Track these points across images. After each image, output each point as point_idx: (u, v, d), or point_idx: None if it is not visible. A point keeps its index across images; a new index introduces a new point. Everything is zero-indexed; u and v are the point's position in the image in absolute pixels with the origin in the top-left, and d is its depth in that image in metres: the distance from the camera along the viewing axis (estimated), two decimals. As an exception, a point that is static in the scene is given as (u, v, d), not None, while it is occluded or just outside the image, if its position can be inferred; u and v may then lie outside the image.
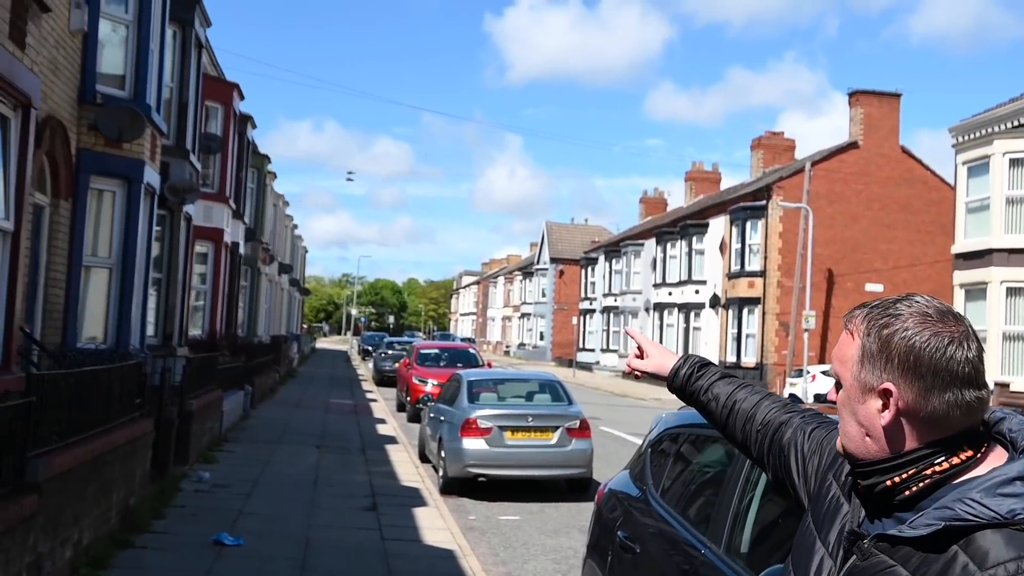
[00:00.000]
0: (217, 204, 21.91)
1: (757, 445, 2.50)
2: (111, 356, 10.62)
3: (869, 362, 1.89)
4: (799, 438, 2.38)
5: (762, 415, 2.52)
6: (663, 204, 65.42)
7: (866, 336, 1.91)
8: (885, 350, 1.87)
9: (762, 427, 2.49)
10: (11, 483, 6.19)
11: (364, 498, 12.31)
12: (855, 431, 1.95)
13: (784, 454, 2.40)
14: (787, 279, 37.78)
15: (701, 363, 2.76)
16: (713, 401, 2.66)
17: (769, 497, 3.74)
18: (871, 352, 1.89)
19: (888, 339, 1.87)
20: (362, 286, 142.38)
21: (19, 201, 7.71)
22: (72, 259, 11.41)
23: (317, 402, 27.68)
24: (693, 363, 2.76)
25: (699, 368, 2.74)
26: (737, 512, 3.82)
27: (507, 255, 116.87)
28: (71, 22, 11.04)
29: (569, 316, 70.17)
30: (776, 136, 47.75)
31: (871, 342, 1.89)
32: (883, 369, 1.86)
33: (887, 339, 1.87)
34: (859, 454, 1.95)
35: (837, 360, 1.99)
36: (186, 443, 13.27)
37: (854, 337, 1.94)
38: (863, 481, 1.93)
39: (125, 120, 11.82)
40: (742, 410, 2.57)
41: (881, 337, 1.88)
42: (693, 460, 4.88)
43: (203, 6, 16.91)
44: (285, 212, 47.18)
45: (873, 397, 1.88)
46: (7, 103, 7.45)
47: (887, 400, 1.86)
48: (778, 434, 2.44)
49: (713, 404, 2.66)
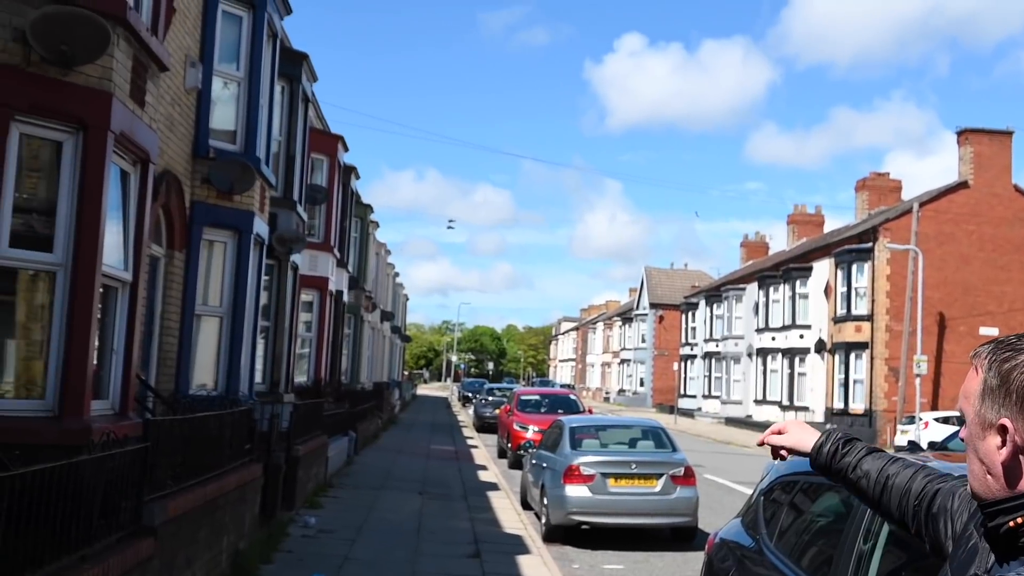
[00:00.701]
0: (322, 253, 22.40)
1: (915, 520, 2.36)
2: (221, 403, 10.88)
3: (989, 397, 1.87)
4: (949, 500, 2.25)
5: (917, 488, 2.37)
6: (764, 248, 64.53)
7: (988, 371, 1.88)
8: (1004, 385, 1.84)
9: (918, 501, 2.35)
10: (128, 526, 6.36)
11: (467, 545, 12.30)
12: (978, 469, 1.91)
13: (935, 522, 2.28)
14: (896, 323, 36.77)
15: (845, 439, 2.63)
16: (863, 478, 2.52)
17: (890, 548, 3.61)
18: (991, 387, 1.86)
19: (1007, 374, 1.84)
20: (462, 333, 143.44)
21: (137, 253, 8.00)
22: (185, 308, 11.78)
23: (419, 448, 27.87)
24: (836, 439, 2.63)
25: (843, 444, 2.61)
26: (859, 563, 3.69)
27: (606, 300, 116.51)
28: (186, 80, 11.50)
29: (669, 362, 69.43)
30: (881, 177, 46.75)
31: (992, 377, 1.87)
32: (1002, 404, 1.83)
33: (1007, 374, 1.84)
34: (983, 493, 1.90)
35: (963, 396, 1.97)
36: (293, 488, 13.48)
37: (978, 372, 1.92)
38: (989, 522, 1.88)
39: (236, 173, 12.21)
40: (896, 485, 2.43)
41: (1001, 372, 1.85)
42: (808, 509, 4.75)
43: (310, 63, 17.43)
44: (387, 260, 47.96)
45: (992, 433, 1.85)
46: (127, 159, 7.76)
47: (1004, 436, 1.82)
48: (931, 503, 2.31)
49: (864, 481, 2.52)
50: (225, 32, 12.69)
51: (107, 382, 7.71)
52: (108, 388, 7.71)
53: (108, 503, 5.97)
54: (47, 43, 6.46)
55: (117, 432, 6.48)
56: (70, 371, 6.75)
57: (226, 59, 12.79)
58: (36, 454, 5.26)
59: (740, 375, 53.20)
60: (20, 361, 7.10)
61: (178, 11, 10.83)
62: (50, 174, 7.00)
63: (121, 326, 7.84)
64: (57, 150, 6.91)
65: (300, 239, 16.37)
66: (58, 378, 6.75)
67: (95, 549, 5.70)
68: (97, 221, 6.90)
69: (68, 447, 6.13)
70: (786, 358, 45.92)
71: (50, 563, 5.08)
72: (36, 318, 7.09)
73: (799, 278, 44.85)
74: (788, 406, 45.03)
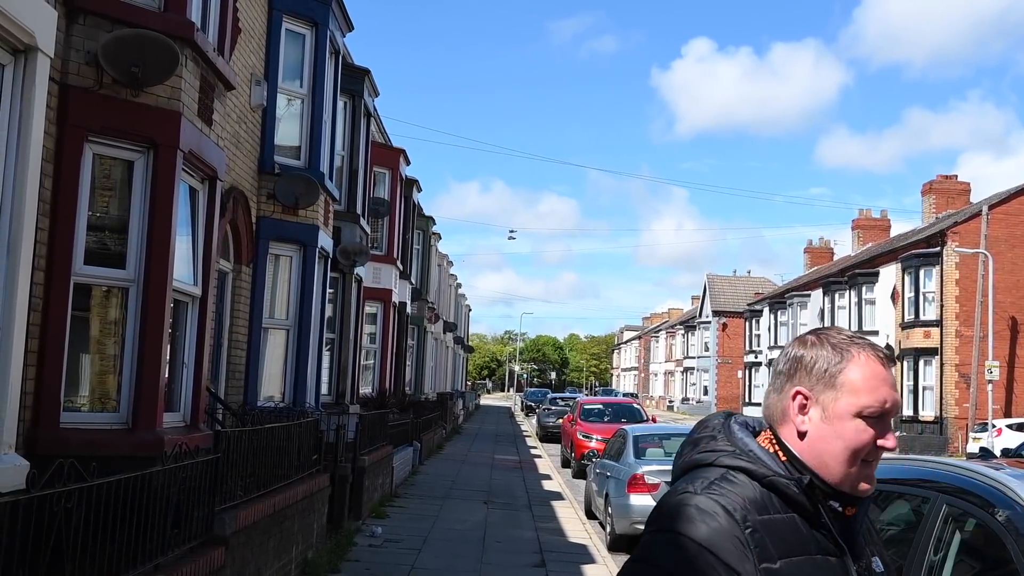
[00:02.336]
0: (385, 265, 22.62)
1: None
2: (289, 414, 11.04)
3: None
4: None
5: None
6: (829, 254, 63.55)
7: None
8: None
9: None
10: (200, 536, 6.49)
11: (532, 554, 12.31)
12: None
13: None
14: (966, 328, 36.00)
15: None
16: None
17: (962, 558, 3.56)
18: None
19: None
20: (524, 343, 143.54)
21: (206, 268, 8.17)
22: (252, 321, 11.99)
23: (483, 458, 27.93)
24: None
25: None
26: (930, 573, 3.63)
27: (668, 308, 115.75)
28: (252, 98, 11.73)
29: (733, 370, 68.75)
30: (949, 180, 45.80)
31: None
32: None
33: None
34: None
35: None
36: (359, 498, 13.61)
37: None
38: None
39: (301, 188, 12.41)
40: None
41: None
42: (877, 517, 4.69)
43: (371, 78, 17.64)
44: (449, 272, 48.22)
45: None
46: (196, 176, 7.95)
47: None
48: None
49: None
50: (289, 50, 12.93)
51: (178, 395, 7.89)
52: (179, 400, 7.89)
53: (180, 513, 6.11)
54: (118, 65, 6.65)
55: (188, 443, 6.62)
56: (143, 384, 6.91)
57: (290, 76, 13.01)
58: (111, 465, 5.40)
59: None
60: (95, 375, 7.29)
61: (243, 31, 11.06)
62: (122, 192, 7.19)
63: (191, 340, 8.02)
64: (128, 169, 7.10)
65: (364, 252, 16.56)
66: (131, 391, 6.92)
67: (168, 558, 5.83)
68: (167, 237, 7.07)
69: (141, 458, 6.28)
70: (853, 365, 45.11)
71: (126, 572, 5.21)
72: (110, 333, 7.28)
73: (865, 284, 44.13)
74: (856, 414, 44.20)
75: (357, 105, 17.10)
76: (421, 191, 30.01)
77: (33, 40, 5.63)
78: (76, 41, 6.63)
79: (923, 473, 4.15)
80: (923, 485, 4.03)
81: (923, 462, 4.37)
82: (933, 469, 4.07)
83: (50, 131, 6.29)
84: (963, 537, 3.60)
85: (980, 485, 3.60)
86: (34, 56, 5.74)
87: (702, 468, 2.12)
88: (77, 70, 6.61)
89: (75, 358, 6.92)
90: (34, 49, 5.71)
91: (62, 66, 6.49)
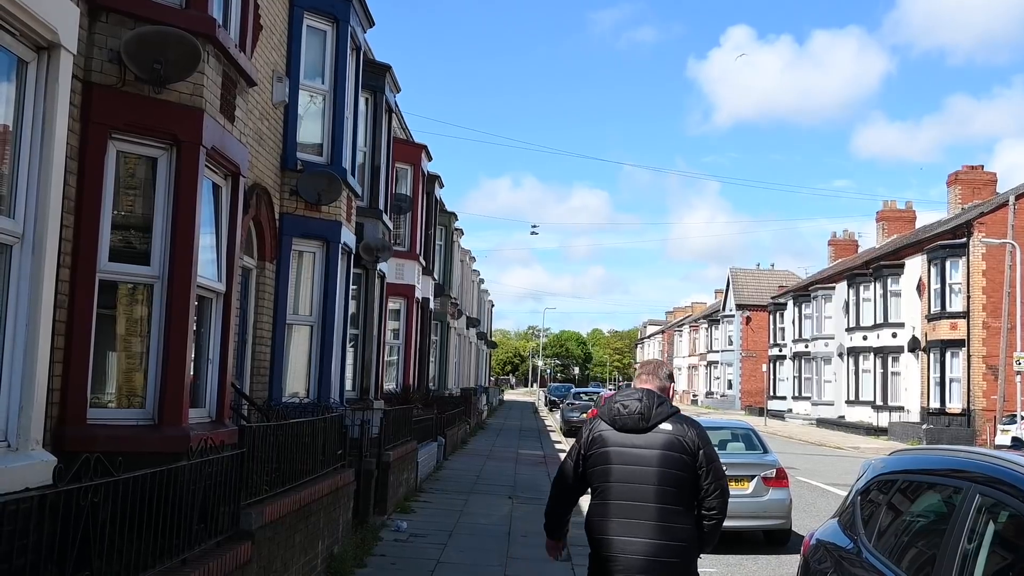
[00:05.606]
0: (408, 261, 22.65)
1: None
2: (313, 410, 11.06)
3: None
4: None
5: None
6: (853, 246, 63.14)
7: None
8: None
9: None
10: (227, 531, 6.50)
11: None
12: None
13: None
14: (994, 320, 35.68)
15: None
16: None
17: (996, 548, 3.50)
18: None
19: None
20: (547, 338, 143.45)
21: (230, 264, 8.18)
22: (276, 318, 12.02)
23: (507, 453, 27.93)
24: None
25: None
26: (963, 564, 3.58)
27: (691, 303, 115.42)
28: (273, 95, 11.75)
29: (758, 363, 68.46)
30: (975, 170, 45.35)
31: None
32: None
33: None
34: None
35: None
36: (384, 493, 13.63)
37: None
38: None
39: (323, 185, 12.42)
40: None
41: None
42: (907, 508, 4.63)
43: (392, 74, 17.65)
44: (472, 267, 48.23)
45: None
46: (219, 172, 7.96)
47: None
48: None
49: None
50: (310, 47, 12.94)
51: (203, 391, 7.91)
52: (204, 397, 7.91)
53: (207, 508, 6.12)
54: (141, 62, 6.66)
55: (214, 439, 6.64)
56: (168, 380, 6.94)
57: (311, 73, 13.02)
58: (138, 461, 5.41)
59: (831, 375, 52.16)
60: (120, 372, 7.32)
61: (264, 27, 11.08)
62: (146, 189, 7.21)
63: (216, 336, 8.04)
64: (152, 166, 7.12)
65: (387, 248, 16.57)
66: (157, 387, 6.94)
67: (195, 553, 5.84)
68: (191, 234, 7.09)
69: (168, 454, 6.29)
70: (878, 357, 44.86)
71: (154, 567, 5.22)
72: (135, 330, 7.30)
73: (890, 276, 43.81)
74: (882, 406, 43.98)
75: (379, 101, 17.12)
76: (443, 187, 30.04)
77: (56, 37, 5.65)
78: (99, 39, 6.65)
79: (955, 463, 4.09)
80: (955, 475, 3.97)
81: (955, 452, 4.32)
82: (965, 459, 4.01)
83: (74, 128, 6.32)
84: (997, 528, 3.54)
85: (1015, 475, 3.53)
86: (57, 53, 5.76)
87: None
88: (100, 68, 6.62)
89: (101, 355, 6.95)
90: (57, 46, 5.73)
91: (85, 64, 6.51)
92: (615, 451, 5.01)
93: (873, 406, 45.05)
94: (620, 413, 5.02)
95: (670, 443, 4.89)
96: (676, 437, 4.90)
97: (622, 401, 5.06)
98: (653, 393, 5.08)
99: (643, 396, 5.03)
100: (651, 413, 4.94)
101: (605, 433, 5.09)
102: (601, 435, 5.11)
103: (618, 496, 5.00)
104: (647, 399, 5.00)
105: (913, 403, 41.84)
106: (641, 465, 4.91)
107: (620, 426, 5.02)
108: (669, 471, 4.85)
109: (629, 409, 4.99)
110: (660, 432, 4.94)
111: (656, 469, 4.87)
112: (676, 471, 4.86)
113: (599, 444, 5.09)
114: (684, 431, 4.94)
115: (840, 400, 50.41)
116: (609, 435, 5.07)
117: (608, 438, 5.06)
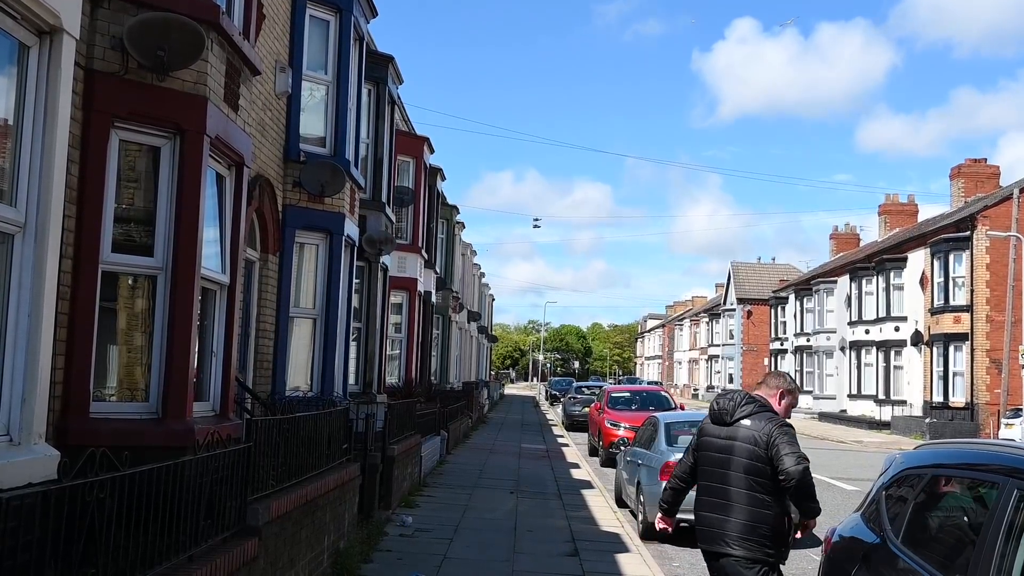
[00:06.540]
0: (410, 254, 22.53)
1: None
2: (317, 403, 10.95)
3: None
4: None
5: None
6: (855, 240, 62.98)
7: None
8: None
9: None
10: (233, 526, 6.38)
11: (564, 543, 12.18)
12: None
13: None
14: (997, 313, 35.58)
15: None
16: None
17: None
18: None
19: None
20: (547, 332, 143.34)
21: (234, 256, 8.05)
22: (280, 310, 11.90)
23: (510, 447, 27.84)
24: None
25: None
26: (1002, 559, 3.45)
27: (692, 297, 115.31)
28: (276, 85, 11.61)
29: (759, 357, 68.39)
30: (978, 163, 45.21)
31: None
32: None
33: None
34: None
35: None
36: (389, 488, 13.53)
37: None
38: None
39: (327, 176, 12.29)
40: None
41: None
42: (937, 503, 4.51)
43: (396, 65, 17.50)
44: (473, 261, 48.12)
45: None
46: (223, 162, 7.83)
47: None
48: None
49: None
50: (313, 37, 12.80)
51: (207, 384, 7.79)
52: (208, 390, 7.79)
53: (213, 504, 6.00)
54: (144, 49, 6.53)
55: (219, 433, 6.51)
56: (172, 373, 6.81)
57: (314, 64, 12.89)
58: (142, 455, 5.29)
59: (833, 369, 52.06)
60: (124, 365, 7.20)
61: (267, 17, 10.94)
62: (149, 179, 7.08)
63: (219, 328, 7.92)
64: (155, 155, 6.99)
65: (390, 240, 16.45)
66: (161, 380, 6.82)
67: (201, 549, 5.72)
68: (195, 224, 6.96)
69: (173, 448, 6.18)
70: (881, 351, 44.77)
71: (160, 563, 5.11)
72: (138, 322, 7.19)
73: (893, 269, 43.70)
74: (884, 400, 43.91)
75: (381, 92, 16.98)
76: (445, 180, 29.89)
77: (58, 21, 5.52)
78: (101, 25, 6.51)
79: (988, 457, 3.96)
80: (989, 469, 3.84)
81: (987, 446, 4.20)
82: (999, 452, 3.88)
83: (76, 116, 6.18)
84: None
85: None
86: (59, 38, 5.62)
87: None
88: (102, 55, 6.49)
89: (104, 347, 6.82)
90: (59, 31, 5.60)
91: (87, 51, 6.37)
92: (707, 440, 6.28)
93: (875, 400, 44.97)
94: (713, 409, 6.30)
95: (747, 437, 5.97)
96: (752, 432, 5.95)
97: (718, 399, 6.38)
98: (747, 394, 6.28)
99: (735, 396, 6.26)
100: (735, 410, 6.11)
101: (704, 426, 6.42)
102: (702, 427, 6.47)
103: (705, 478, 6.21)
104: (737, 398, 6.21)
105: (916, 397, 41.74)
106: (723, 453, 6.08)
107: (712, 420, 6.31)
108: (742, 460, 5.96)
109: (720, 406, 6.23)
110: (740, 427, 6.05)
111: (734, 458, 6.01)
112: (750, 460, 5.92)
113: (700, 435, 6.42)
114: (760, 426, 5.94)
115: (842, 394, 50.34)
116: (705, 426, 6.38)
117: (704, 429, 6.38)
